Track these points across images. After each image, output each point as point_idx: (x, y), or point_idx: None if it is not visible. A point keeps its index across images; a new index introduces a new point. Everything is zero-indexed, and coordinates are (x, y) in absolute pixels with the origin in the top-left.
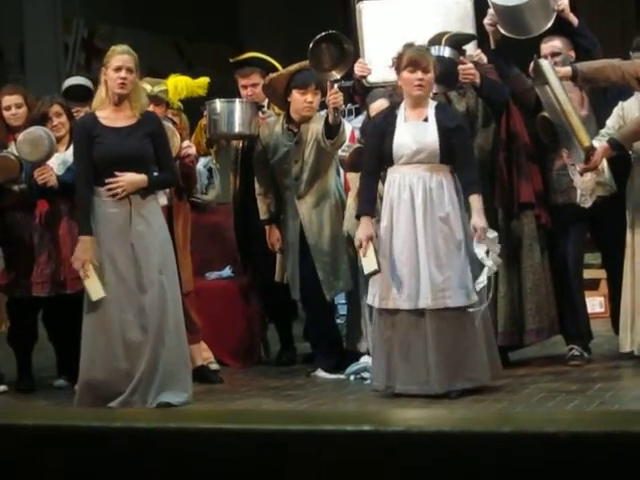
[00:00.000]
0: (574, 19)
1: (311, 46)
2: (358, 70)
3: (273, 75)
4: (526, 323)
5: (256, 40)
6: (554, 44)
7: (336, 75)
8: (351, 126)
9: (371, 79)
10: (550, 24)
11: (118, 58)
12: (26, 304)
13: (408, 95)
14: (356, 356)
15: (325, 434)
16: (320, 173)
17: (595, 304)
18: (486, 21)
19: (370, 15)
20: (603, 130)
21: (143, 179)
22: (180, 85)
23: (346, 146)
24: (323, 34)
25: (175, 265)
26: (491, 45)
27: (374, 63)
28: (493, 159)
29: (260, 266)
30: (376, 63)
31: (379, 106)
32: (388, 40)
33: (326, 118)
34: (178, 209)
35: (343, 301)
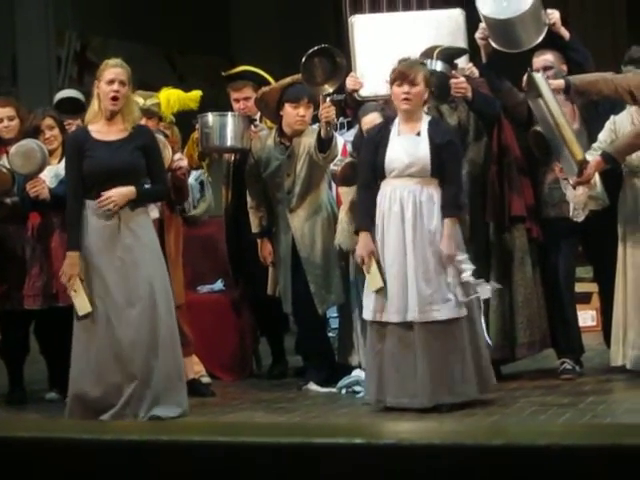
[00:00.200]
0: (565, 33)
1: (304, 60)
2: (350, 84)
3: (265, 89)
4: (517, 337)
5: (248, 53)
6: (546, 58)
7: (329, 89)
8: (343, 140)
9: (363, 93)
10: (541, 38)
11: (111, 71)
12: (18, 317)
13: (398, 109)
14: (348, 369)
15: (317, 447)
16: (312, 187)
17: (587, 318)
18: (477, 35)
19: (362, 29)
20: (595, 144)
21: (132, 191)
22: (172, 98)
23: (338, 160)
24: (316, 48)
25: (167, 278)
26: (482, 59)
27: (366, 77)
28: (484, 172)
29: (252, 279)
30: (368, 77)
31: (371, 120)
32: (380, 54)
33: (318, 132)
34: (170, 222)
35: (335, 314)
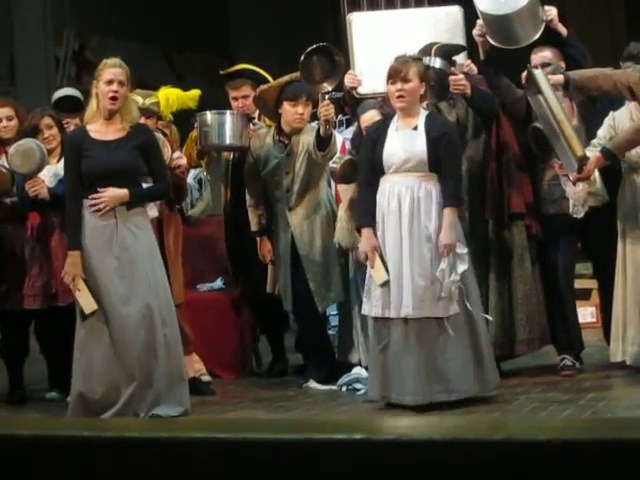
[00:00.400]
0: (563, 29)
1: (302, 58)
2: (348, 81)
3: (264, 87)
4: (517, 333)
5: (247, 52)
6: (544, 54)
7: (327, 87)
8: (342, 137)
9: (361, 90)
10: (539, 34)
11: (110, 71)
12: (17, 316)
13: (394, 107)
14: (348, 367)
15: (317, 443)
16: (311, 185)
17: (586, 314)
18: (475, 32)
19: (360, 26)
20: (595, 140)
21: (125, 193)
22: (171, 97)
23: (337, 157)
24: (314, 46)
25: (166, 277)
26: (480, 56)
27: (364, 74)
28: (483, 169)
29: (251, 278)
30: (366, 74)
31: (370, 117)
32: (378, 51)
33: (317, 130)
34: (169, 221)
35: (335, 312)
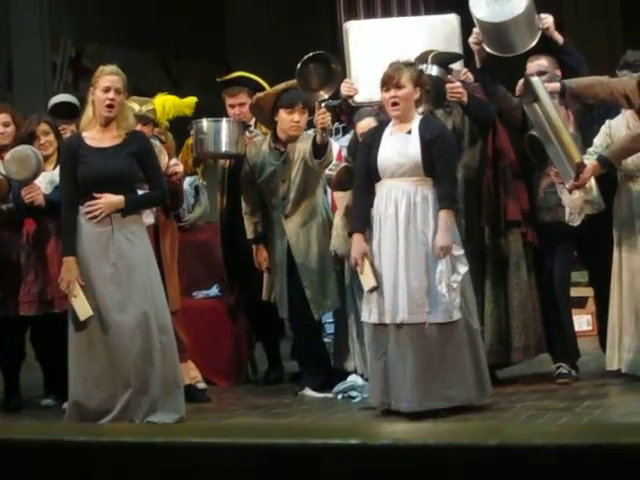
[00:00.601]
0: (559, 37)
1: (299, 66)
2: (345, 90)
3: (260, 94)
4: (513, 341)
5: (243, 59)
6: (540, 63)
7: (324, 95)
8: (338, 145)
9: (358, 99)
10: (535, 42)
11: (106, 79)
12: (13, 323)
13: (389, 114)
14: (344, 375)
15: (314, 447)
16: (307, 192)
17: (582, 322)
18: (471, 40)
19: (356, 35)
20: (591, 148)
21: (120, 200)
22: (168, 105)
23: (333, 165)
24: (311, 54)
25: (162, 284)
26: (477, 64)
27: (361, 82)
28: (479, 177)
29: (247, 285)
30: (363, 82)
31: (366, 125)
32: (375, 59)
33: (314, 138)
34: (165, 228)
35: (330, 320)
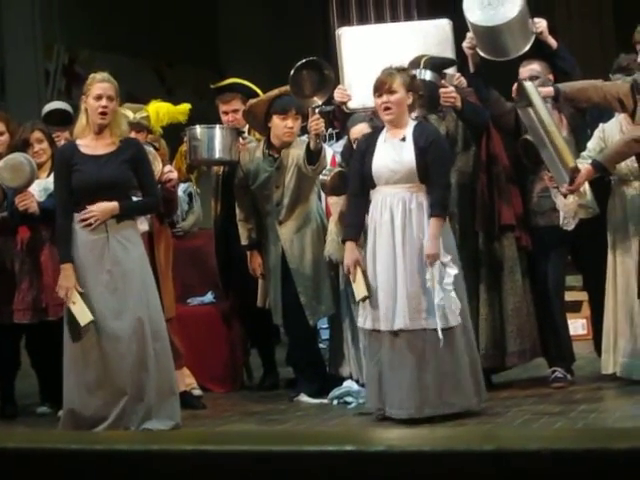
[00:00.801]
0: (553, 42)
1: (292, 73)
2: (338, 96)
3: (253, 101)
4: (508, 345)
5: (237, 66)
6: (532, 67)
7: (317, 101)
8: (332, 151)
9: (351, 105)
10: (528, 46)
11: (98, 86)
12: (8, 331)
13: (382, 119)
14: (339, 380)
15: (307, 454)
16: (301, 198)
17: (577, 326)
18: (465, 44)
19: (349, 41)
20: (585, 152)
21: (115, 206)
22: (162, 112)
23: (327, 170)
24: (304, 61)
25: (157, 292)
26: (470, 68)
27: (354, 88)
28: (473, 182)
29: (242, 291)
30: (356, 89)
31: (360, 130)
32: (368, 66)
33: (307, 144)
34: (159, 234)
35: (325, 325)
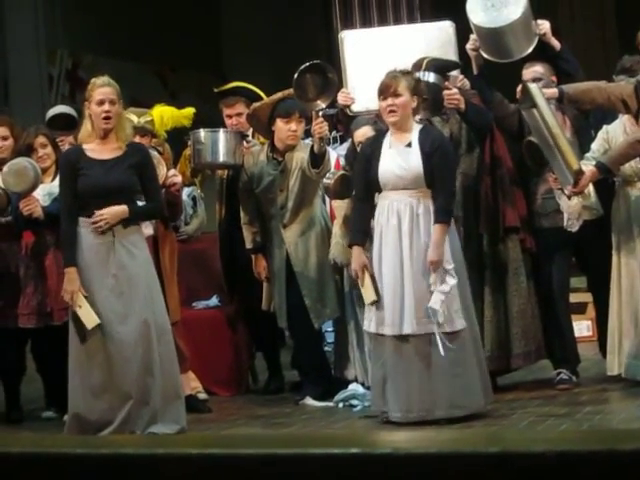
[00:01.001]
0: (556, 43)
1: (296, 76)
2: (341, 100)
3: (257, 104)
4: (513, 347)
5: (240, 69)
6: (536, 69)
7: (321, 104)
8: (336, 154)
9: (355, 108)
10: (532, 48)
11: (99, 91)
12: (13, 335)
13: (386, 122)
14: (344, 383)
15: (313, 457)
16: (305, 201)
17: (582, 328)
18: (468, 46)
19: (352, 44)
20: (589, 154)
21: (124, 210)
22: (166, 116)
23: (330, 173)
24: (307, 64)
25: (162, 296)
26: (474, 70)
27: (357, 92)
28: (477, 184)
29: (247, 295)
30: (359, 92)
31: (363, 133)
32: (371, 68)
33: (311, 147)
34: (164, 239)
35: (330, 328)
